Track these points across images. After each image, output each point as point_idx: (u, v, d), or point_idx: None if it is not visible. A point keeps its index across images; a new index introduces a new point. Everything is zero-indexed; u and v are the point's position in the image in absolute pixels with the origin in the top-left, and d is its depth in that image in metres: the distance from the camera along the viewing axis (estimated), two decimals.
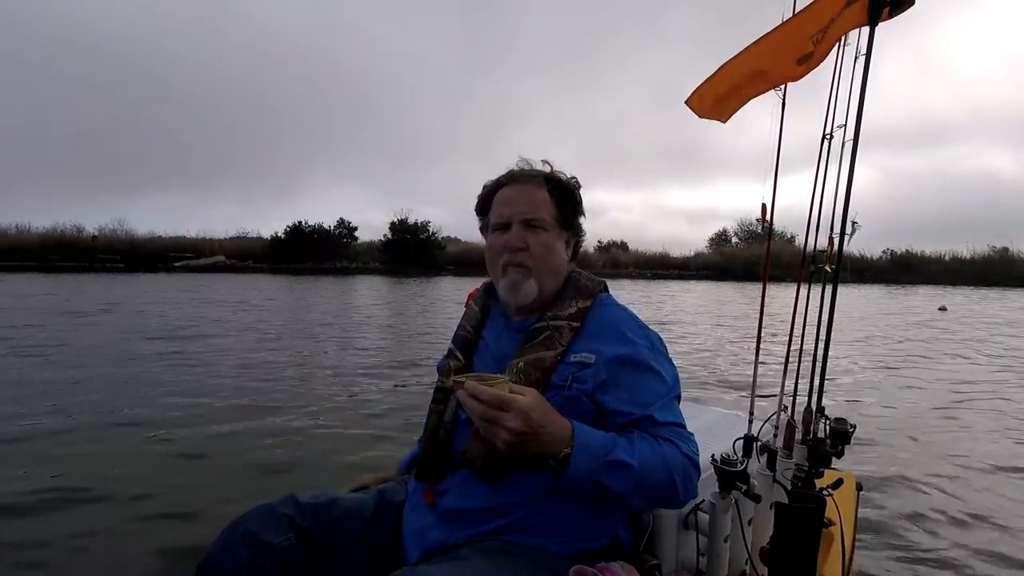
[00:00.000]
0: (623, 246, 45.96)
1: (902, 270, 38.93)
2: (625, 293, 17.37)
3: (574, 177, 1.26)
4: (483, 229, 1.25)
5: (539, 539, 1.05)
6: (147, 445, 3.69)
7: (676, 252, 42.24)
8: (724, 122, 1.79)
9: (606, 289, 1.24)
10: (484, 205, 1.23)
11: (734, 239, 43.90)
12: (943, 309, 17.38)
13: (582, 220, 1.26)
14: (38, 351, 6.78)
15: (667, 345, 1.19)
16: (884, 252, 42.56)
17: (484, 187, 1.24)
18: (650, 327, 1.19)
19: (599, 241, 45.84)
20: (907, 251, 42.43)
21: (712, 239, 47.65)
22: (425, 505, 1.11)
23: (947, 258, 41.81)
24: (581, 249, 1.28)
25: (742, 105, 1.72)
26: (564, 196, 1.20)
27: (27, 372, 5.68)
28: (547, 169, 1.23)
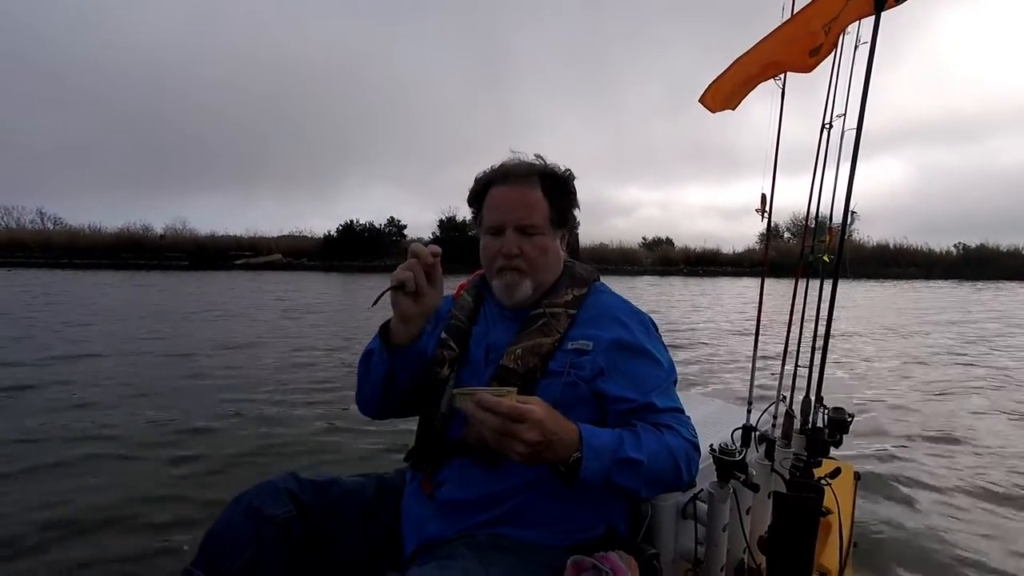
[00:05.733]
0: (669, 242, 42.20)
1: (977, 265, 35.39)
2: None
3: (568, 169, 1.17)
4: (475, 222, 1.18)
5: (536, 530, 1.01)
6: None
7: (712, 247, 39.46)
8: (734, 109, 1.75)
9: (599, 278, 1.21)
10: (477, 198, 1.16)
11: (786, 234, 39.80)
12: None
13: (576, 212, 1.19)
14: None
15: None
16: (956, 245, 39.66)
17: (476, 179, 1.16)
18: (643, 311, 1.15)
19: (643, 238, 43.48)
20: (981, 244, 38.82)
21: (763, 234, 44.76)
22: (424, 495, 1.07)
23: None
24: (579, 240, 1.24)
25: (751, 91, 1.67)
26: (558, 192, 1.13)
27: None
28: (540, 164, 1.14)
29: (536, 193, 1.10)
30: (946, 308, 14.43)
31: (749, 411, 1.63)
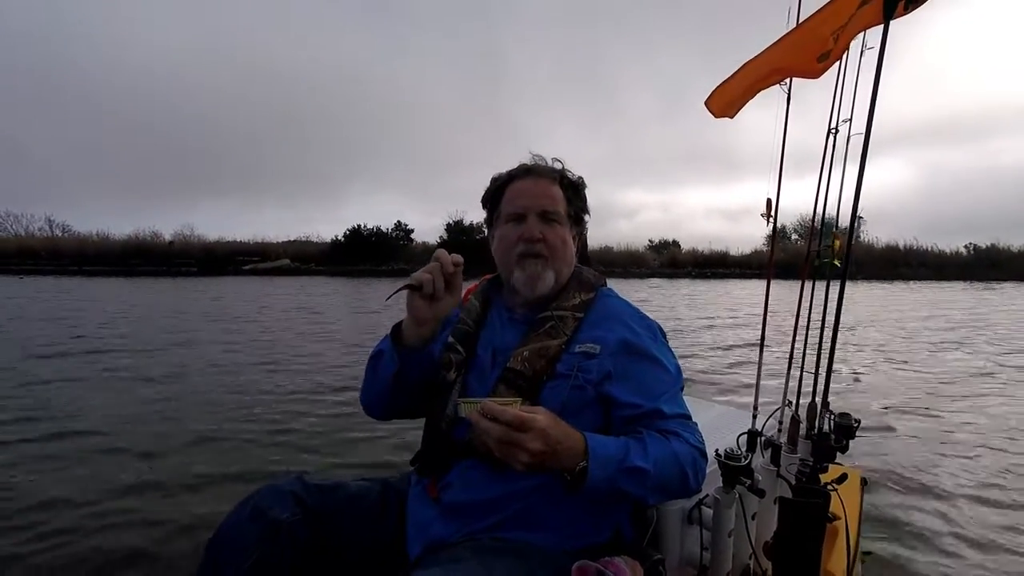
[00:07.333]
0: (676, 244, 40.53)
1: (989, 266, 33.62)
2: None
3: (580, 177, 1.22)
4: (490, 222, 1.20)
5: (541, 534, 1.01)
6: None
7: (720, 249, 37.86)
8: (732, 117, 1.74)
9: (605, 283, 1.21)
10: (494, 197, 1.18)
11: (793, 235, 37.24)
12: None
13: (587, 219, 1.23)
14: None
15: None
16: (966, 246, 37.58)
17: (493, 180, 1.19)
18: (650, 316, 1.15)
19: (649, 240, 42.17)
20: (992, 245, 36.83)
21: (770, 236, 43.23)
22: (429, 498, 1.07)
23: None
24: (587, 248, 1.25)
25: (751, 98, 1.67)
26: (574, 194, 1.18)
27: None
28: (559, 167, 1.20)
29: (557, 188, 1.14)
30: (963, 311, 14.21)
31: (755, 416, 1.62)
